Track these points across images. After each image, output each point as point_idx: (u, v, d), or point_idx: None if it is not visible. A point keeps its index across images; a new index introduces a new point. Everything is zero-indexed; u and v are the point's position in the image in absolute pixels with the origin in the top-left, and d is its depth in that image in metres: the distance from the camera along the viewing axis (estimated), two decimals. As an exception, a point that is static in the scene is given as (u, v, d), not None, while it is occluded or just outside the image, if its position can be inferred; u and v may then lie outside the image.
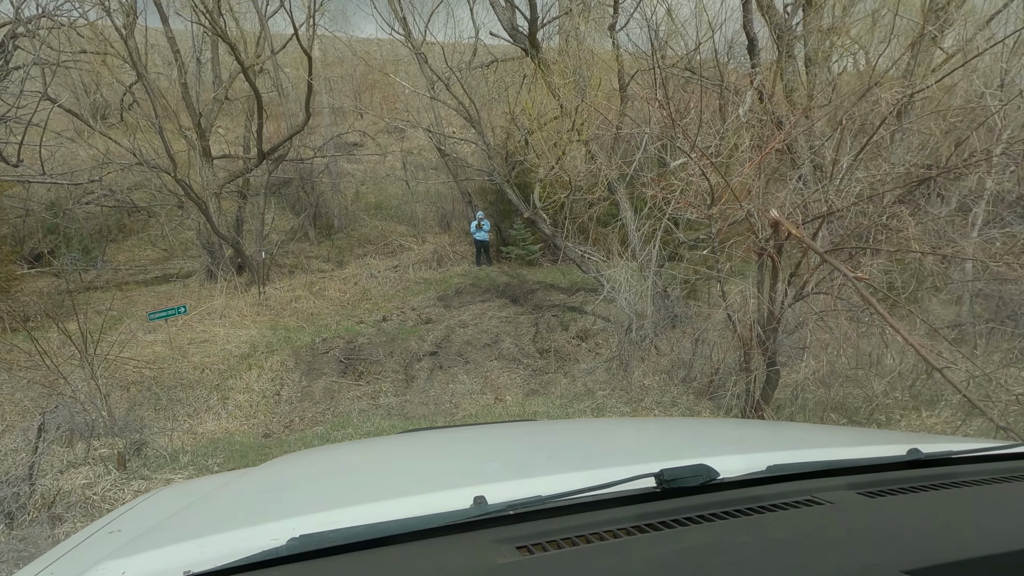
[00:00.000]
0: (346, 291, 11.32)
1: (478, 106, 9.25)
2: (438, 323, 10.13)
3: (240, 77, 12.27)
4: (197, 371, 7.38)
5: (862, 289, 3.02)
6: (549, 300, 11.16)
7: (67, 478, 4.04)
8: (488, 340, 9.40)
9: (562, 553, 0.85)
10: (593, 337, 9.63)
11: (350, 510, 1.08)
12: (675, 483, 1.01)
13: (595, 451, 1.64)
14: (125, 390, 6.86)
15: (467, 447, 1.86)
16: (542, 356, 9.10)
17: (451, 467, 1.54)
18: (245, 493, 1.46)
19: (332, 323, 9.73)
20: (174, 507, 1.38)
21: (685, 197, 4.37)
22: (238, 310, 9.73)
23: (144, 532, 1.18)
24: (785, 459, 1.20)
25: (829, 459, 1.26)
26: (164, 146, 9.07)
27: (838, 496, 1.03)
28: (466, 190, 14.01)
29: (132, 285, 12.33)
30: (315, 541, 0.89)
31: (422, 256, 13.16)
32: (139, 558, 0.98)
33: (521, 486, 1.12)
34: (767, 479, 1.13)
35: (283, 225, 15.16)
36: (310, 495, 1.37)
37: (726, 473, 1.07)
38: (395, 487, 1.28)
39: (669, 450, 1.59)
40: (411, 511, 0.99)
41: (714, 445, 1.64)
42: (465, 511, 0.96)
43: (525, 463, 1.47)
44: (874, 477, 1.17)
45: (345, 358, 8.39)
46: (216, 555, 0.92)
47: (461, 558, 0.86)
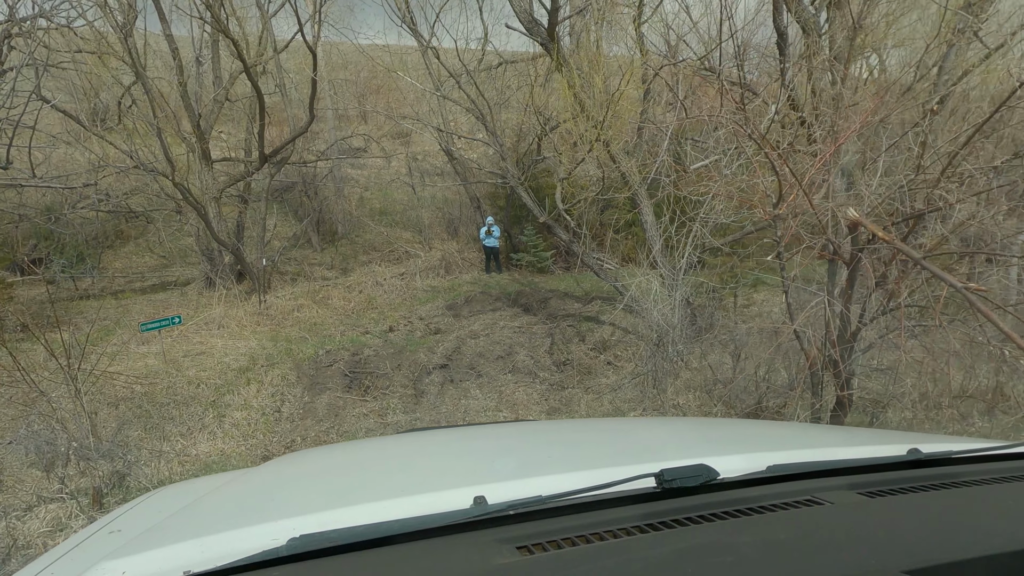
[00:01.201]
0: (351, 300, 10.82)
1: (490, 105, 8.78)
2: (447, 333, 9.62)
3: (241, 80, 11.87)
4: (192, 386, 6.87)
5: (977, 302, 2.51)
6: (564, 309, 10.64)
7: (31, 519, 3.52)
8: (501, 352, 8.88)
9: (562, 553, 0.85)
10: (612, 349, 9.11)
11: (350, 510, 1.08)
12: (675, 483, 1.01)
13: (595, 451, 1.63)
14: (114, 407, 6.35)
15: (467, 447, 1.85)
16: (559, 369, 8.58)
17: (451, 467, 1.53)
18: (245, 493, 1.45)
19: (336, 333, 9.22)
20: (174, 507, 1.37)
21: (742, 196, 3.87)
22: (237, 320, 9.23)
23: (144, 532, 1.18)
24: (785, 459, 1.19)
25: (829, 459, 1.25)
26: (162, 147, 8.62)
27: (838, 496, 1.02)
28: (475, 195, 13.54)
29: (128, 293, 11.85)
30: (315, 541, 0.89)
31: (429, 263, 12.66)
32: (139, 558, 0.98)
33: (521, 486, 1.11)
34: (767, 479, 1.12)
35: (285, 231, 14.70)
36: (310, 495, 1.36)
37: (726, 473, 1.07)
38: (395, 487, 1.28)
39: (669, 450, 1.58)
40: (411, 511, 0.99)
41: (714, 445, 1.63)
42: (465, 511, 0.96)
43: (525, 463, 1.47)
44: (874, 477, 1.17)
45: (350, 371, 7.87)
46: (216, 555, 0.92)
47: (461, 558, 0.86)
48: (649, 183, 8.99)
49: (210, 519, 1.23)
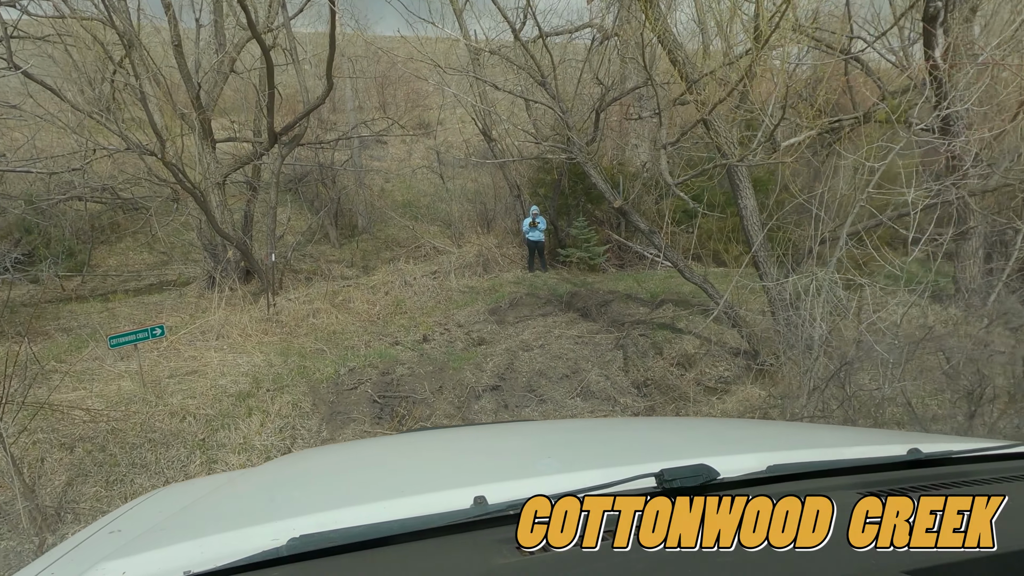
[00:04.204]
0: (375, 303, 9.14)
1: (554, 61, 7.03)
2: (493, 344, 7.91)
3: (249, 54, 10.28)
4: (176, 419, 5.22)
5: None
6: (628, 314, 8.87)
7: None
8: (565, 369, 7.14)
9: (562, 553, 0.85)
10: (697, 365, 7.33)
11: (350, 510, 1.06)
12: (675, 483, 1.01)
13: (595, 451, 1.59)
14: (68, 451, 4.72)
15: (467, 447, 1.83)
16: (641, 392, 6.82)
17: (451, 467, 1.51)
18: (245, 493, 1.44)
19: (360, 344, 7.54)
20: (174, 507, 1.37)
21: None
22: (240, 327, 7.59)
23: (144, 532, 1.18)
24: (785, 459, 1.19)
25: (829, 459, 1.25)
26: (148, 118, 7.00)
27: (838, 496, 0.97)
28: (514, 182, 11.80)
29: (120, 294, 10.30)
30: (315, 541, 0.89)
31: (464, 260, 10.94)
32: (139, 558, 0.97)
33: (521, 486, 1.09)
34: (767, 479, 1.13)
35: (300, 226, 13.09)
36: (310, 495, 1.35)
37: (726, 473, 1.07)
38: (395, 487, 1.26)
39: (669, 450, 1.55)
40: (411, 511, 0.99)
41: (714, 445, 1.60)
42: (465, 511, 0.96)
43: (525, 463, 1.45)
44: (874, 477, 1.17)
45: (380, 396, 6.18)
46: (216, 555, 0.91)
47: (461, 558, 0.86)
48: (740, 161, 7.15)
49: (210, 519, 1.23)
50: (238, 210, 10.84)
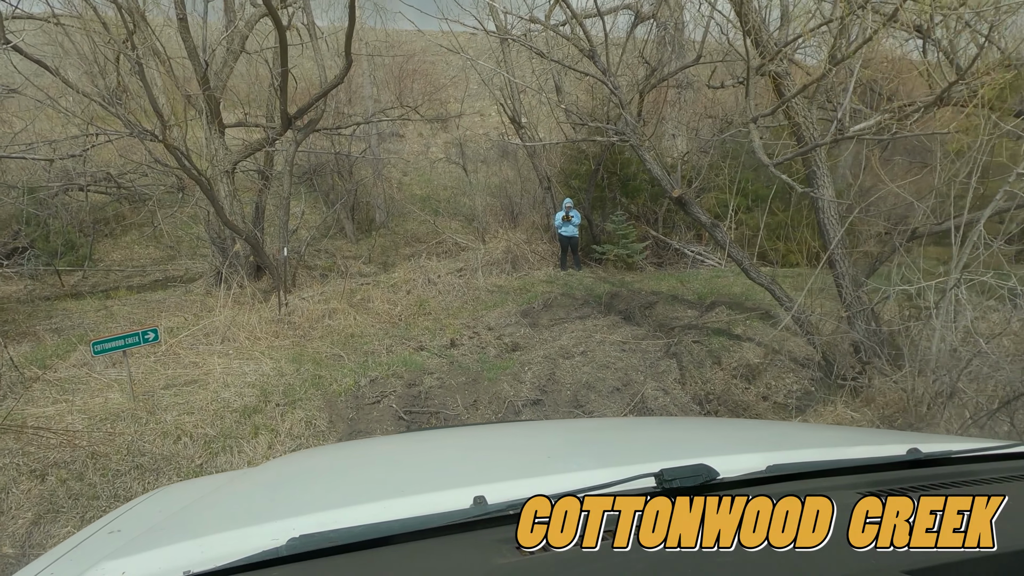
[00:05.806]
0: (396, 302, 8.32)
1: (607, 33, 6.16)
2: (529, 351, 7.05)
3: (260, 33, 9.53)
4: (169, 440, 4.43)
5: None
6: (676, 318, 7.98)
7: None
8: (615, 381, 6.26)
9: (562, 553, 0.83)
10: (762, 376, 6.44)
11: (350, 510, 1.04)
12: (675, 483, 0.99)
13: (595, 451, 1.58)
14: (39, 479, 3.94)
15: (467, 447, 1.80)
16: (705, 409, 5.94)
17: (451, 467, 1.49)
18: (245, 493, 1.42)
19: (381, 349, 6.72)
20: (174, 507, 1.35)
21: None
22: (248, 329, 6.80)
23: (144, 532, 1.16)
24: (785, 459, 1.17)
25: (829, 459, 1.23)
26: (146, 92, 6.23)
27: (838, 496, 0.96)
28: (545, 173, 10.92)
29: (123, 291, 9.59)
30: (315, 541, 0.87)
31: (491, 257, 10.09)
32: (139, 558, 0.95)
33: (521, 486, 1.06)
34: (767, 479, 1.11)
35: (315, 220, 12.33)
36: (310, 495, 1.32)
37: (726, 473, 1.05)
38: (395, 487, 1.24)
39: (669, 450, 1.53)
40: (411, 511, 0.97)
41: (714, 445, 1.58)
42: (465, 511, 0.95)
43: (525, 463, 1.43)
44: (874, 477, 1.16)
45: (406, 412, 5.35)
46: (216, 555, 0.90)
47: (461, 558, 0.85)
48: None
49: (210, 519, 1.21)
50: (249, 201, 10.08)
